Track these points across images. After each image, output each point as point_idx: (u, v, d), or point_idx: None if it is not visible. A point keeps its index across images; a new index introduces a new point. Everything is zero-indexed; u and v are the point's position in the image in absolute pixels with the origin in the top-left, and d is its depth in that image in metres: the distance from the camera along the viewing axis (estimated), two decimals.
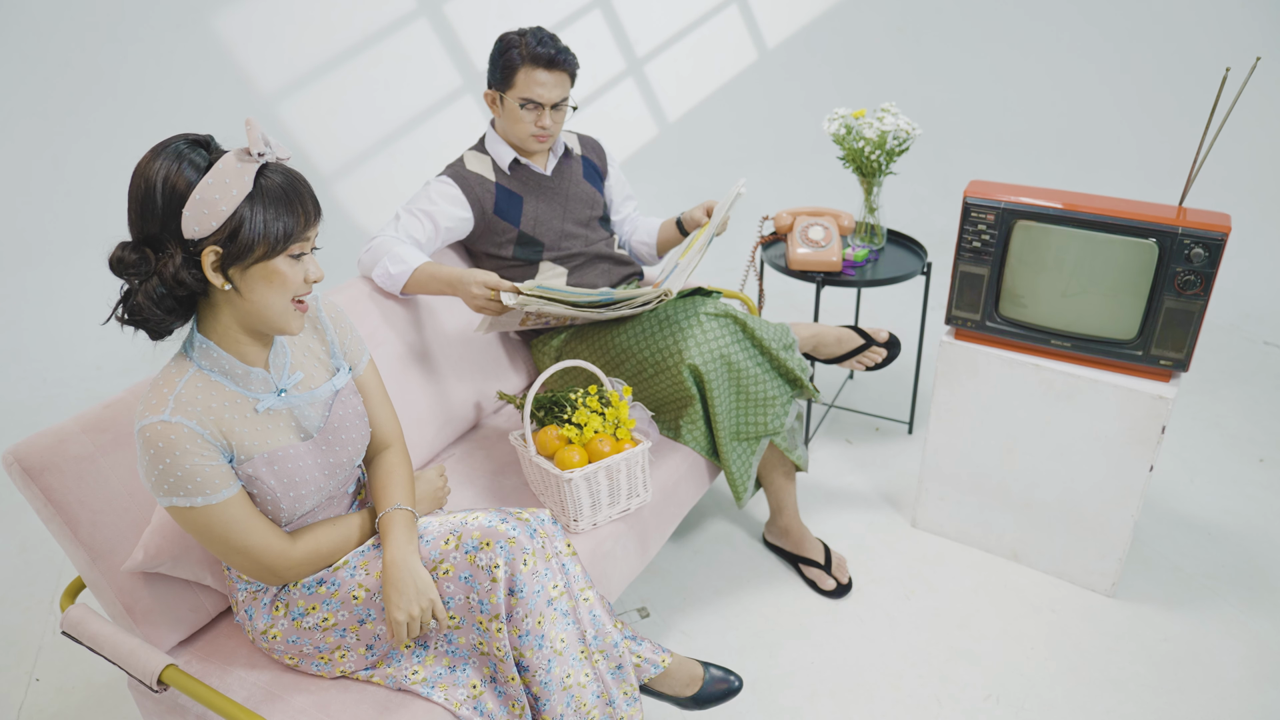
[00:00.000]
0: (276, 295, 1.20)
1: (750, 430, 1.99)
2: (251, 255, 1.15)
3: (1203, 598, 2.10)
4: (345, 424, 1.37)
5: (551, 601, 1.35)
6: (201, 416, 1.20)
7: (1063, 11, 4.19)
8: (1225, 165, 3.33)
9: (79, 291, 3.47)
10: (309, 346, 1.38)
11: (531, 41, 1.90)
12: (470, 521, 1.34)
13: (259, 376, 1.27)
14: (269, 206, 1.14)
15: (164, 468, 1.17)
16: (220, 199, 1.11)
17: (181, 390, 1.20)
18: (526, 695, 1.36)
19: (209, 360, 1.23)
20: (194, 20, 3.53)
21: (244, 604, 1.41)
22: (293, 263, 1.20)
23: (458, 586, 1.31)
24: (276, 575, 1.32)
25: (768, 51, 4.53)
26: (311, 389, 1.34)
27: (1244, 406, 2.86)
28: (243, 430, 1.25)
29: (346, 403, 1.39)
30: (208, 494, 1.20)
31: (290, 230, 1.16)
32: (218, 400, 1.23)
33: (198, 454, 1.19)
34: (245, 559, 1.28)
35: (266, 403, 1.28)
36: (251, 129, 1.13)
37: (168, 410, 1.18)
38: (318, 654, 1.39)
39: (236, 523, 1.24)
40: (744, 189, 1.96)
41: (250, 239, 1.14)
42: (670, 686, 1.64)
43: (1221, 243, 1.74)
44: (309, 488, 1.31)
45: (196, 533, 1.23)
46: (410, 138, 4.02)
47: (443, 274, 1.80)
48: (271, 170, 1.16)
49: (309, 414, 1.33)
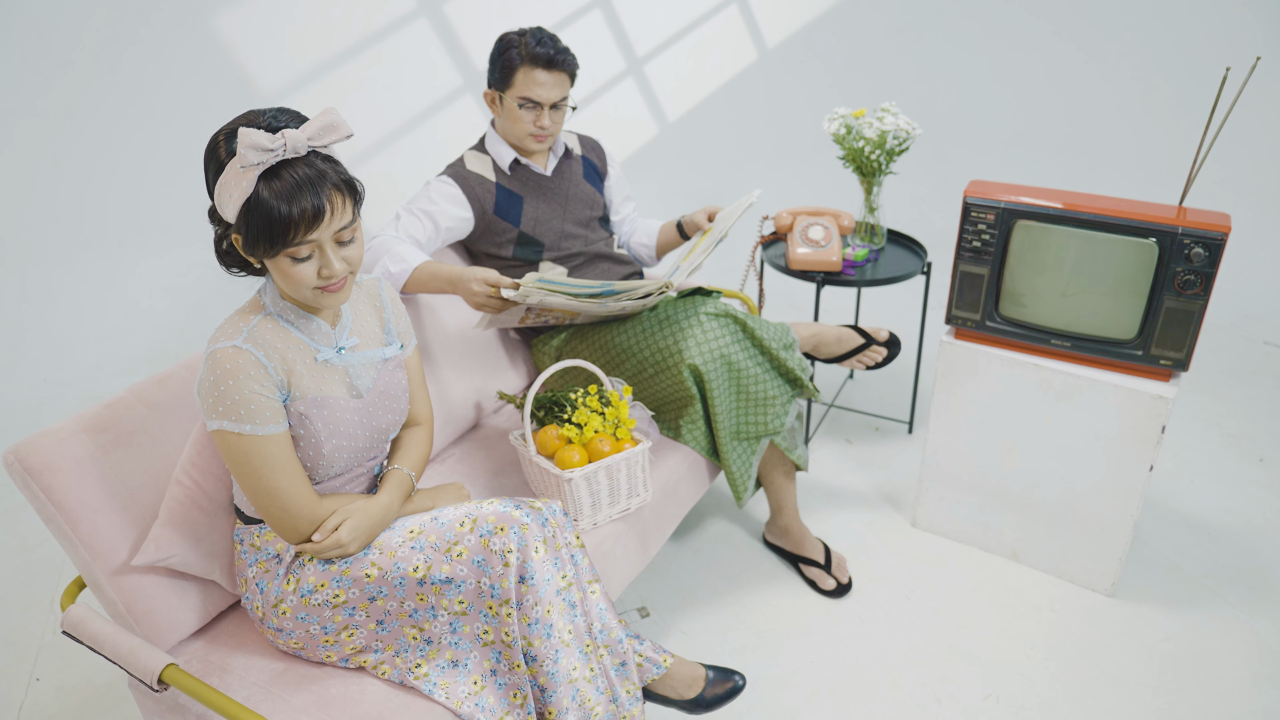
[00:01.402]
0: (294, 287, 1.27)
1: (750, 430, 1.99)
2: (258, 250, 1.22)
3: (1203, 598, 2.10)
4: (390, 392, 1.46)
5: (560, 591, 1.36)
6: (269, 351, 1.29)
7: (1063, 11, 4.19)
8: (1225, 165, 3.33)
9: (79, 291, 3.48)
10: (367, 318, 1.46)
11: (531, 41, 1.91)
12: (485, 507, 1.37)
13: (323, 329, 1.37)
14: (262, 214, 1.18)
15: (224, 390, 1.25)
16: (230, 199, 1.18)
17: (255, 326, 1.30)
18: (533, 687, 1.37)
19: (279, 307, 1.33)
20: (194, 20, 3.53)
21: (255, 578, 1.42)
22: (297, 262, 1.23)
23: (470, 570, 1.32)
24: (296, 528, 1.34)
25: (767, 51, 4.53)
26: (364, 351, 1.43)
27: (1244, 406, 2.86)
28: (303, 372, 1.33)
29: (393, 374, 1.47)
30: (257, 424, 1.27)
31: (280, 237, 1.19)
32: (284, 342, 1.32)
33: (258, 382, 1.27)
34: (272, 502, 1.31)
35: (325, 355, 1.36)
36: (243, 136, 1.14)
37: (241, 338, 1.27)
38: (324, 635, 1.39)
39: (276, 460, 1.29)
40: (757, 199, 1.96)
41: (254, 238, 1.20)
42: (672, 689, 1.64)
43: (1221, 242, 1.74)
44: (349, 441, 1.38)
45: (236, 463, 1.29)
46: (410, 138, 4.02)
47: (443, 272, 1.80)
48: (283, 170, 1.18)
49: (361, 375, 1.42)
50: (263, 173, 1.17)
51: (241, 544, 1.44)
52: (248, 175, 1.16)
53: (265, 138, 1.14)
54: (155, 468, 1.46)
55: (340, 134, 1.20)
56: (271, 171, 1.17)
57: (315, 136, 1.19)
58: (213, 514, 1.47)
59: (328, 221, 1.22)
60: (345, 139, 1.22)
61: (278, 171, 1.17)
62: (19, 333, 3.34)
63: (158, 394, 1.50)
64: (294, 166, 1.18)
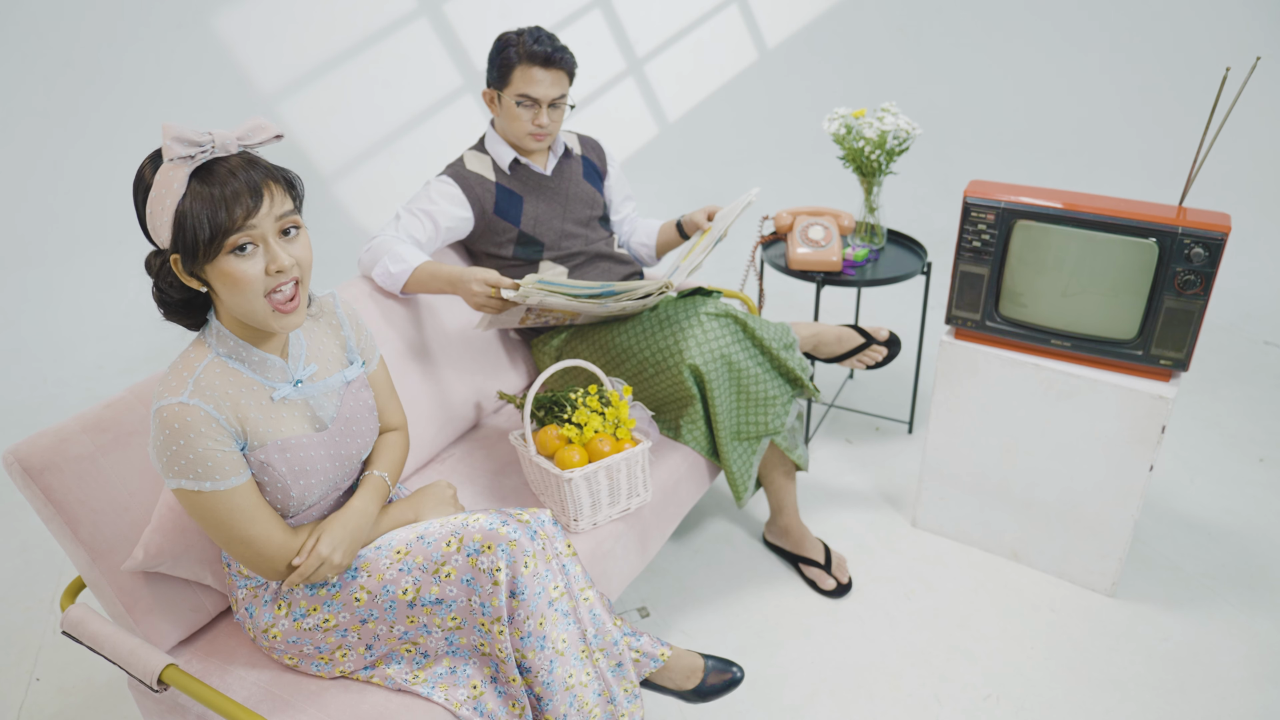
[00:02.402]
0: (244, 295, 1.17)
1: (751, 430, 1.99)
2: (198, 257, 1.13)
3: (1203, 598, 2.10)
4: (356, 416, 1.40)
5: (553, 603, 1.35)
6: (219, 401, 1.21)
7: (1063, 11, 4.19)
8: (1225, 165, 3.33)
9: (79, 291, 3.48)
10: (324, 342, 1.40)
11: (529, 40, 1.91)
12: (471, 524, 1.33)
13: (276, 365, 1.29)
14: (199, 208, 1.11)
15: (176, 449, 1.18)
16: (162, 208, 1.12)
17: (200, 374, 1.22)
18: (529, 696, 1.37)
19: (226, 347, 1.25)
20: (194, 20, 3.53)
21: (244, 602, 1.41)
22: (242, 258, 1.15)
23: (459, 589, 1.31)
24: (275, 570, 1.31)
25: (768, 51, 4.53)
26: (325, 380, 1.37)
27: (1244, 406, 2.86)
28: (258, 417, 1.26)
29: (357, 395, 1.41)
30: (217, 479, 1.21)
31: (220, 226, 1.11)
32: (235, 387, 1.24)
33: (211, 438, 1.20)
34: (247, 549, 1.27)
35: (282, 392, 1.29)
36: (167, 130, 1.10)
37: (186, 393, 1.19)
38: (318, 654, 1.39)
39: (242, 511, 1.24)
40: (755, 198, 1.96)
41: (191, 241, 1.12)
42: (671, 680, 1.64)
43: (1221, 242, 1.74)
44: (318, 477, 1.33)
45: (201, 518, 1.24)
46: (410, 138, 4.02)
47: (443, 273, 1.80)
48: (216, 166, 1.13)
49: (324, 404, 1.35)
50: (194, 171, 1.12)
51: (229, 567, 1.42)
52: (178, 174, 1.10)
53: (191, 131, 1.10)
54: (155, 468, 1.46)
55: (268, 134, 1.17)
56: (203, 169, 1.12)
57: (245, 136, 1.16)
58: None
59: (267, 206, 1.15)
60: (274, 140, 1.18)
61: (209, 168, 1.12)
62: (19, 333, 3.34)
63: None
64: (225, 162, 1.14)
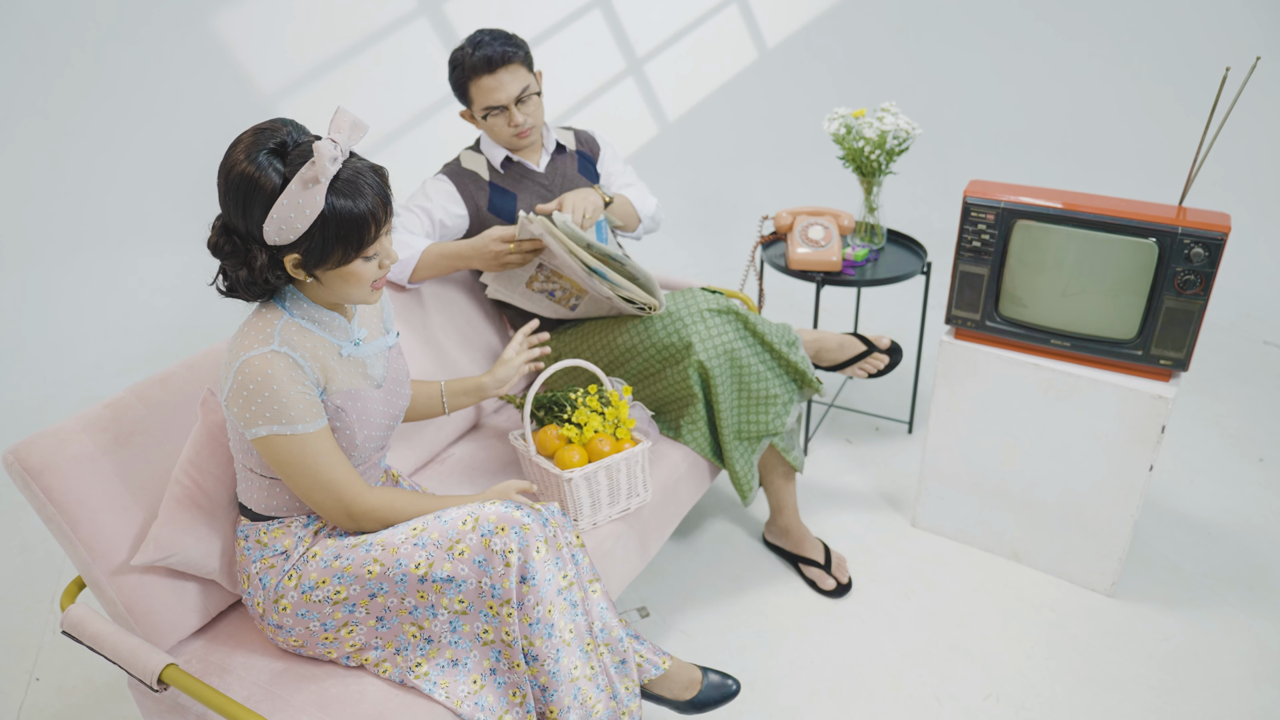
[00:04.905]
0: (356, 287, 1.32)
1: (751, 430, 1.99)
2: (328, 262, 1.26)
3: (1203, 598, 2.10)
4: (399, 378, 1.51)
5: (561, 591, 1.37)
6: (302, 351, 1.32)
7: (1063, 11, 4.19)
8: (1225, 165, 3.33)
9: (79, 291, 3.48)
10: (368, 311, 1.51)
11: (469, 50, 1.91)
12: (487, 507, 1.37)
13: (340, 324, 1.40)
14: (340, 223, 1.22)
15: (267, 396, 1.27)
16: (295, 218, 1.21)
17: (282, 329, 1.32)
18: (533, 685, 1.37)
19: (300, 309, 1.35)
20: (194, 20, 3.53)
21: (258, 574, 1.42)
22: (367, 261, 1.30)
23: (471, 570, 1.32)
24: (352, 516, 1.38)
25: (768, 51, 4.53)
26: (373, 342, 1.47)
27: (1244, 406, 2.86)
28: (335, 366, 1.37)
29: (396, 361, 1.53)
30: (307, 422, 1.30)
31: (361, 240, 1.25)
32: (310, 341, 1.35)
33: (300, 383, 1.30)
34: (329, 494, 1.35)
35: (347, 350, 1.40)
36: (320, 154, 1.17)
37: (276, 342, 1.29)
38: (324, 632, 1.39)
39: (326, 454, 1.33)
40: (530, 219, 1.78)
41: (325, 251, 1.25)
42: (669, 690, 1.64)
43: (1221, 242, 1.74)
44: (376, 430, 1.43)
45: (288, 463, 1.31)
46: (410, 138, 4.02)
47: (451, 249, 1.86)
48: (343, 178, 1.22)
49: (375, 365, 1.46)
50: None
51: (246, 540, 1.44)
52: (320, 189, 1.19)
53: (331, 147, 1.18)
54: (155, 468, 1.46)
55: (363, 131, 1.24)
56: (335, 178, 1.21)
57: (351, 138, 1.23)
58: (212, 513, 1.47)
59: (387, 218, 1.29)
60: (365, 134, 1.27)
61: (335, 182, 1.21)
62: (19, 333, 3.34)
63: (158, 394, 1.50)
64: (353, 169, 1.24)
